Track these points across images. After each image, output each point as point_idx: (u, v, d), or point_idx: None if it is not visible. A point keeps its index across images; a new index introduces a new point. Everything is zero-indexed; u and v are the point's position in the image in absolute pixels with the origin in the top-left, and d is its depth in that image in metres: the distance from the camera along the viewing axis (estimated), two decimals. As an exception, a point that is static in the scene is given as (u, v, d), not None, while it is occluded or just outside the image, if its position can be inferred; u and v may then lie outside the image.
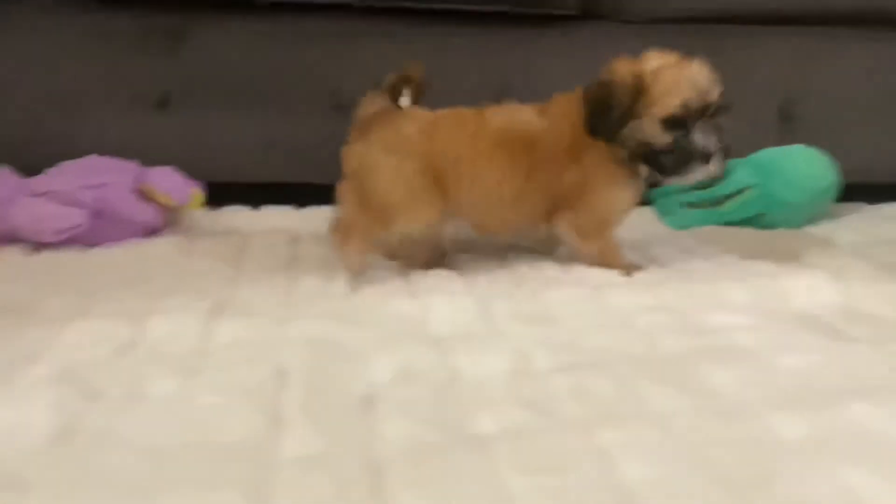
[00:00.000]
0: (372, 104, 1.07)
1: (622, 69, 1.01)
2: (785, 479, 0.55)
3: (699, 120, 0.99)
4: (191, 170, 1.36)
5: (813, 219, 1.44)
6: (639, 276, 1.07)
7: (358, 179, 1.04)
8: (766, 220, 1.41)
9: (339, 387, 0.70)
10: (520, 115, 1.06)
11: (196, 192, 1.35)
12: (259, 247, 1.20)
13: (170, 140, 1.38)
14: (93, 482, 0.55)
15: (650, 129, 1.00)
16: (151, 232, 1.26)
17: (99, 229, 1.18)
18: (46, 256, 1.12)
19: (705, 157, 1.00)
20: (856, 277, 1.04)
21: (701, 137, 0.99)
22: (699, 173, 1.01)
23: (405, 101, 1.07)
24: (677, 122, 0.99)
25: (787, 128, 1.57)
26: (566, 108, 1.05)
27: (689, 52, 1.51)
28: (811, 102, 1.57)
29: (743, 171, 1.42)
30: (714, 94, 1.00)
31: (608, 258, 1.09)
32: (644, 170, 1.05)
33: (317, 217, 1.41)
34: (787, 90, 1.56)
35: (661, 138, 1.00)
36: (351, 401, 0.67)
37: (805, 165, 1.41)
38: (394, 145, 1.03)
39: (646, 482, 0.54)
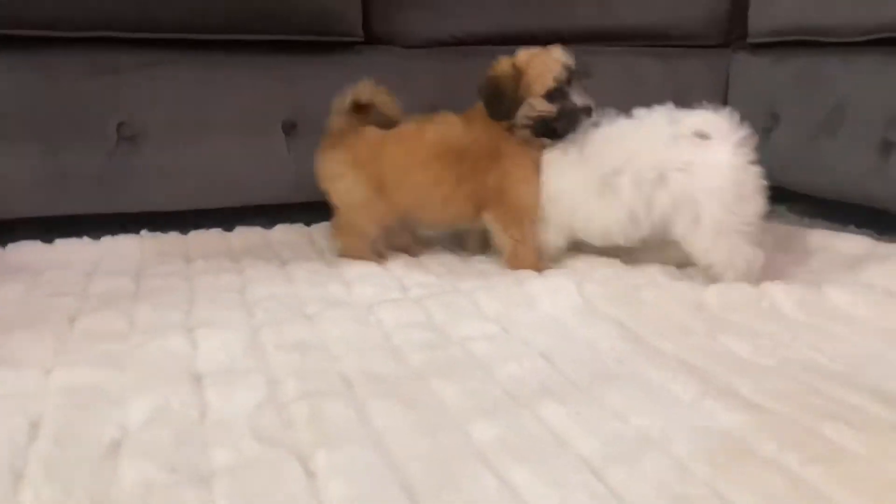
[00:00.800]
0: (339, 121, 1.30)
1: (502, 64, 1.23)
2: (462, 484, 0.66)
3: (570, 85, 1.22)
4: (-26, 209, 1.34)
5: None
6: (414, 291, 1.17)
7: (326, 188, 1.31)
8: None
9: (89, 434, 0.74)
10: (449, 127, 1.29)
11: (-21, 232, 1.33)
12: (46, 285, 1.20)
13: (-54, 180, 1.34)
14: None
15: (538, 105, 1.21)
16: (-68, 276, 1.23)
17: None
18: None
19: (587, 112, 1.22)
20: (596, 279, 1.20)
21: (578, 98, 1.22)
22: (586, 126, 1.23)
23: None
24: (557, 93, 1.21)
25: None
26: (457, 118, 1.29)
27: (469, 72, 1.64)
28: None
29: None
30: (573, 64, 1.22)
31: (522, 256, 1.26)
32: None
33: (115, 246, 1.43)
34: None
35: (549, 108, 1.21)
36: (98, 447, 0.72)
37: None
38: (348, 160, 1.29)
39: (342, 501, 0.63)
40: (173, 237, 1.50)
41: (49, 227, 1.42)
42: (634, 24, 1.73)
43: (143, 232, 1.49)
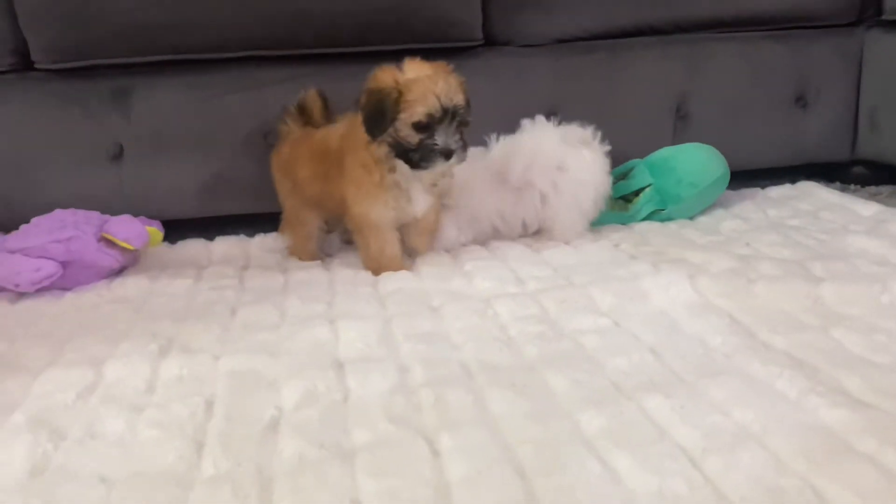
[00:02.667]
0: (286, 125, 1.47)
1: (385, 78, 1.23)
2: (569, 467, 0.73)
3: (442, 124, 1.21)
4: (148, 212, 1.55)
5: (706, 209, 1.62)
6: (530, 285, 1.25)
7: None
8: (663, 215, 1.58)
9: (253, 413, 0.88)
10: (329, 131, 1.38)
11: (154, 231, 1.53)
12: (209, 279, 1.38)
13: (127, 187, 1.56)
14: (56, 509, 0.74)
15: (404, 131, 1.22)
16: (119, 271, 1.44)
17: (70, 276, 1.36)
18: (25, 306, 1.30)
19: (446, 154, 1.23)
20: (710, 273, 1.22)
21: (442, 139, 1.22)
22: (441, 167, 1.25)
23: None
24: (424, 126, 1.21)
25: (683, 125, 1.73)
26: (342, 123, 1.36)
27: (586, 67, 1.69)
28: (701, 100, 1.73)
29: (642, 172, 1.59)
30: (455, 104, 1.22)
31: (366, 259, 1.37)
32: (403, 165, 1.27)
33: (266, 243, 1.60)
34: (679, 91, 1.72)
35: (412, 139, 1.23)
36: (260, 425, 0.86)
37: (694, 163, 1.58)
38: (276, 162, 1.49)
39: (463, 478, 0.73)
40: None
41: (210, 227, 1.62)
42: (756, 7, 1.70)
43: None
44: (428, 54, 1.59)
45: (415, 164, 1.25)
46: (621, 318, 1.09)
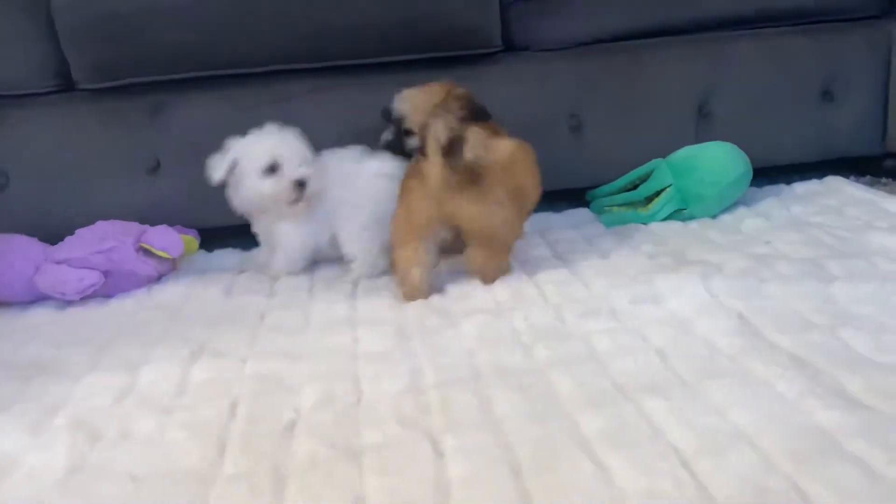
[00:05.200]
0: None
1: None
2: (563, 467, 0.77)
3: None
4: (185, 221, 1.62)
5: (729, 207, 1.62)
6: (546, 288, 1.27)
7: None
8: (685, 214, 1.59)
9: (272, 415, 0.94)
10: None
11: (191, 240, 1.61)
12: (242, 286, 1.45)
13: (164, 198, 1.63)
14: (90, 504, 0.80)
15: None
16: (158, 279, 1.52)
17: (112, 284, 1.44)
18: (71, 313, 1.38)
19: None
20: (724, 273, 1.23)
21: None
22: None
23: None
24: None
25: (707, 124, 1.73)
26: None
27: (607, 69, 1.70)
28: (724, 98, 1.73)
29: (663, 171, 1.60)
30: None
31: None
32: None
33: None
34: (702, 90, 1.72)
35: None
36: (278, 426, 0.91)
37: (715, 161, 1.58)
38: None
39: (461, 477, 0.77)
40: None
41: (244, 235, 1.68)
42: (779, 2, 1.69)
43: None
44: (448, 62, 1.64)
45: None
46: (633, 320, 1.11)
